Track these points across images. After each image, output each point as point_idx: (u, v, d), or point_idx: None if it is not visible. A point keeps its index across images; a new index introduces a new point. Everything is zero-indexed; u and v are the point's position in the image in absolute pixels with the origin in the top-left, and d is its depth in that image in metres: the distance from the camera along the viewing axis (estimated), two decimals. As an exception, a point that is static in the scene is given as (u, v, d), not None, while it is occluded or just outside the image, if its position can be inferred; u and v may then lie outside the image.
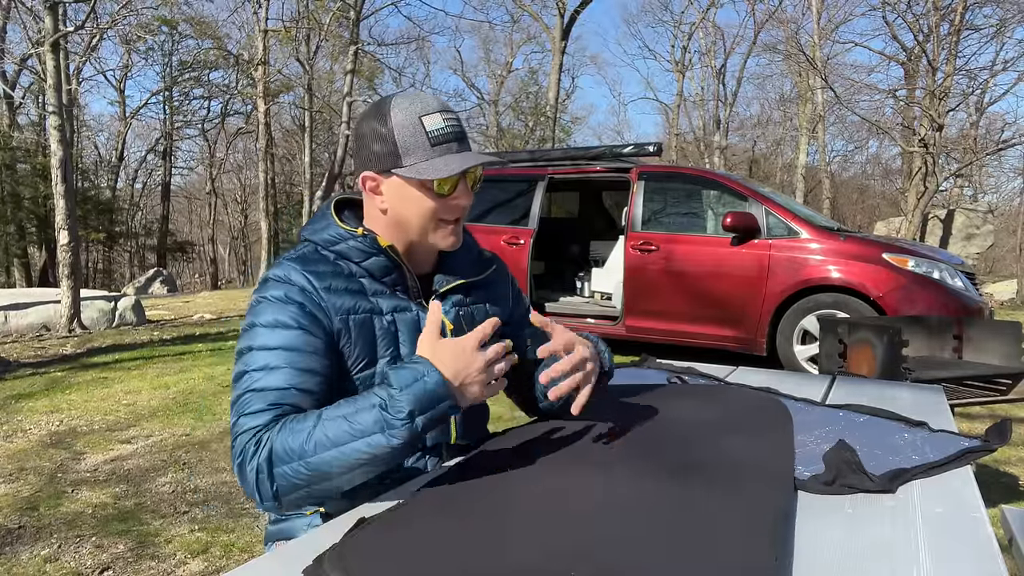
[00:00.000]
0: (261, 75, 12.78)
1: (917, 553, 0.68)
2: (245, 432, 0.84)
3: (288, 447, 0.80)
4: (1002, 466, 2.88)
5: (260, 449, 0.81)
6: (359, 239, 0.98)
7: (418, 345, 0.86)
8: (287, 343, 0.89)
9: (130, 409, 3.78)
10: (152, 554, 2.09)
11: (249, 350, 0.89)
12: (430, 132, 0.94)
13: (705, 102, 23.00)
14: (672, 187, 5.21)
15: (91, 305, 6.94)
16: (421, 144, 0.93)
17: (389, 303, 0.98)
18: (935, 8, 10.99)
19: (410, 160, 0.94)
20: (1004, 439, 1.02)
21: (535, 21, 20.16)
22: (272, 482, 0.80)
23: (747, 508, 0.76)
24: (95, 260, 21.18)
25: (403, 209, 0.97)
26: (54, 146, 6.63)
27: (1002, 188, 21.88)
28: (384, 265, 0.99)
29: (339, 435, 0.79)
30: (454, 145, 0.95)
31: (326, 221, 1.01)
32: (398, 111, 0.95)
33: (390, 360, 0.97)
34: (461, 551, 0.67)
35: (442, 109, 0.96)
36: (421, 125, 0.94)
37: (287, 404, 0.85)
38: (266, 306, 0.91)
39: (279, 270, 0.94)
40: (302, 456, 0.79)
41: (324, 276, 0.94)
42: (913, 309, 4.10)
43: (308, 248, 0.99)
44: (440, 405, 0.80)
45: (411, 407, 0.79)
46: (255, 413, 0.84)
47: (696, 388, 1.42)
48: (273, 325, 0.90)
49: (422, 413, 0.79)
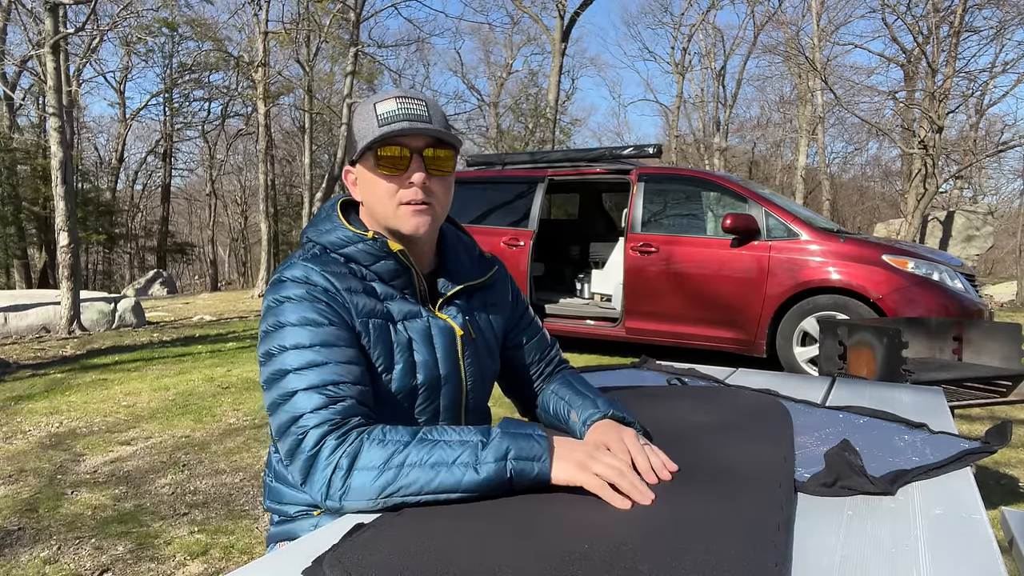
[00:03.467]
0: (261, 77, 12.78)
1: (917, 555, 0.68)
2: (315, 428, 0.82)
3: (377, 454, 0.80)
4: (1002, 468, 2.88)
5: (343, 447, 0.81)
6: (369, 242, 0.97)
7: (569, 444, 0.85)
8: (323, 339, 0.88)
9: (130, 411, 3.78)
10: (151, 556, 2.09)
11: (283, 350, 0.88)
12: (380, 115, 0.94)
13: (705, 104, 23.03)
14: (672, 189, 5.21)
15: (91, 307, 6.95)
16: (370, 126, 0.94)
17: (400, 308, 0.98)
18: (935, 10, 11.00)
19: (361, 145, 0.94)
20: (1004, 441, 1.02)
21: (535, 23, 20.18)
22: (346, 480, 0.79)
23: (747, 510, 0.76)
24: (95, 262, 21.19)
25: (368, 195, 0.98)
26: (54, 148, 6.63)
27: (1002, 190, 21.89)
28: (393, 268, 0.98)
29: (434, 457, 0.79)
30: (403, 124, 0.93)
31: (332, 223, 1.00)
32: (363, 104, 0.98)
33: (405, 368, 0.96)
34: (460, 553, 0.67)
35: (402, 96, 0.96)
36: (374, 111, 0.95)
37: (346, 397, 0.85)
38: (291, 305, 0.90)
39: (296, 271, 0.93)
40: (391, 466, 0.79)
41: (342, 277, 0.94)
42: (913, 311, 4.10)
43: (318, 249, 0.98)
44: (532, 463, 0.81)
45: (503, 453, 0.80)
46: (317, 410, 0.83)
47: (696, 390, 1.42)
48: (304, 323, 0.89)
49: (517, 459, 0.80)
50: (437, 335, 0.99)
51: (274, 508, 1.04)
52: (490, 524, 0.73)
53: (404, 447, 0.80)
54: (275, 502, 1.04)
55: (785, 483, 0.85)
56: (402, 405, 0.97)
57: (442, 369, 0.99)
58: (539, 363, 1.17)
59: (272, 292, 0.93)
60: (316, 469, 0.81)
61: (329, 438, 0.82)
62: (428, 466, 0.78)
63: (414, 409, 0.98)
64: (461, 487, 0.78)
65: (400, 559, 0.66)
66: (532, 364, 1.17)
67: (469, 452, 0.79)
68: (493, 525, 0.73)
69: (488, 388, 1.12)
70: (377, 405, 0.94)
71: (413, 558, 0.66)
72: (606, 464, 0.80)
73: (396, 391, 0.96)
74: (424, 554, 0.67)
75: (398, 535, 0.72)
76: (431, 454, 0.79)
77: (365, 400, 0.88)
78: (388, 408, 0.96)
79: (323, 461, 0.81)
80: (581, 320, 5.42)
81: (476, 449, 0.79)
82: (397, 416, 0.97)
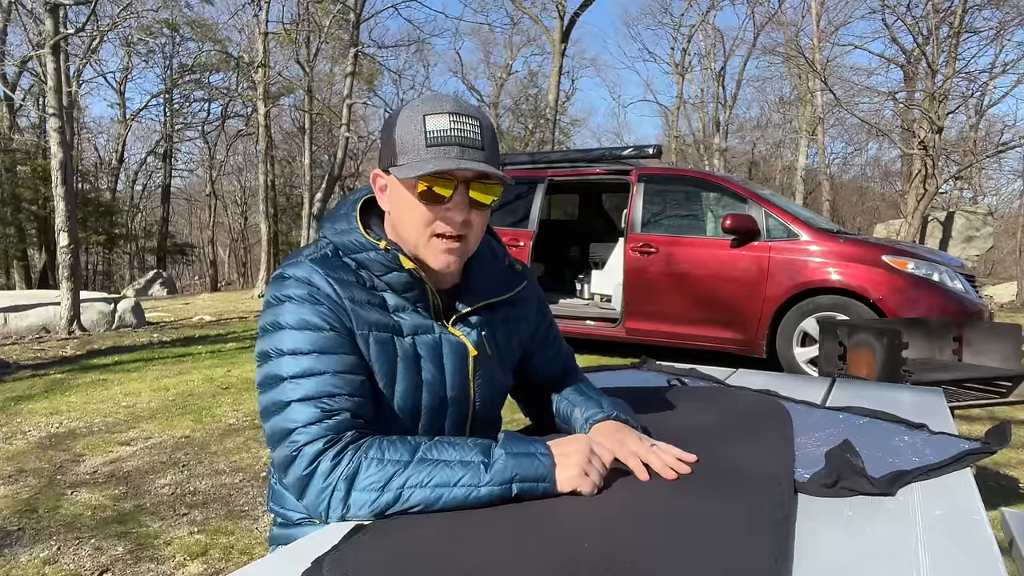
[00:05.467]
0: (261, 77, 12.79)
1: (917, 555, 0.68)
2: (308, 446, 0.80)
3: (376, 475, 0.78)
4: (1002, 468, 2.88)
5: (339, 468, 0.79)
6: (381, 253, 0.91)
7: None
8: (321, 346, 0.85)
9: (129, 411, 3.77)
10: (151, 556, 2.09)
11: (280, 354, 0.85)
12: (429, 132, 0.85)
13: (705, 104, 23.03)
14: (672, 189, 5.21)
15: (91, 307, 6.94)
16: (417, 143, 0.86)
17: (410, 322, 0.93)
18: (935, 11, 11.00)
19: (403, 159, 0.87)
20: (1004, 441, 1.02)
21: (535, 24, 20.19)
22: (345, 501, 0.78)
23: (747, 511, 0.75)
24: (95, 262, 21.18)
25: (398, 214, 0.91)
26: (54, 148, 6.63)
27: (1002, 190, 21.89)
28: (406, 281, 0.92)
29: (435, 479, 0.78)
30: (454, 149, 0.85)
31: (349, 224, 0.94)
32: (410, 109, 0.89)
33: (409, 385, 0.92)
34: (460, 554, 0.67)
35: (455, 112, 0.86)
36: (423, 123, 0.86)
37: (341, 410, 0.83)
38: (291, 306, 0.86)
39: (300, 270, 0.89)
40: (390, 488, 0.78)
41: (348, 285, 0.89)
42: (913, 311, 4.10)
43: (329, 249, 0.93)
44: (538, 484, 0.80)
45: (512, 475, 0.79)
46: (310, 425, 0.81)
47: (696, 390, 1.42)
48: (302, 327, 0.85)
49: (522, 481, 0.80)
50: (448, 353, 0.94)
51: (277, 511, 1.03)
52: (490, 525, 0.73)
53: (404, 468, 0.78)
54: (279, 505, 1.02)
55: (785, 483, 0.85)
56: (403, 424, 0.93)
57: (450, 391, 0.95)
58: (556, 377, 1.14)
59: (274, 288, 0.89)
60: (312, 489, 0.80)
61: (323, 458, 0.80)
62: (429, 487, 0.77)
63: (416, 429, 0.95)
64: (464, 507, 0.77)
65: (400, 560, 0.66)
66: (548, 378, 1.13)
67: (471, 474, 0.78)
68: (493, 526, 0.73)
69: (499, 404, 1.07)
70: (377, 420, 0.91)
71: (413, 559, 0.66)
72: (601, 473, 0.82)
73: (398, 409, 0.92)
74: (424, 555, 0.67)
75: (398, 536, 0.72)
76: (431, 476, 0.77)
77: (361, 412, 0.85)
78: (388, 425, 0.92)
79: (319, 482, 0.79)
80: (581, 321, 5.42)
81: (479, 471, 0.78)
82: (397, 433, 0.93)
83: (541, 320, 1.11)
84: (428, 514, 0.77)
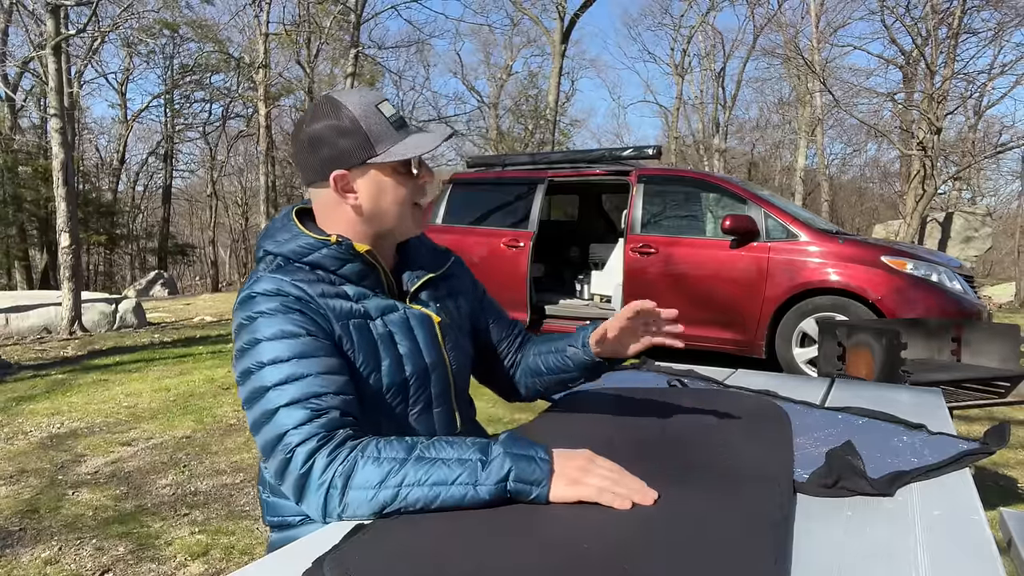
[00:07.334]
0: (262, 78, 12.79)
1: (916, 556, 0.69)
2: (301, 446, 0.81)
3: (373, 472, 0.79)
4: (1001, 469, 2.88)
5: (335, 464, 0.80)
6: (333, 247, 0.95)
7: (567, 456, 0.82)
8: (300, 351, 0.86)
9: (131, 411, 3.78)
10: (152, 556, 2.09)
11: (261, 366, 0.85)
12: (389, 118, 0.95)
13: (704, 105, 23.04)
14: (671, 190, 5.22)
15: (92, 307, 6.95)
16: (386, 130, 0.94)
17: (375, 305, 0.98)
18: (933, 12, 11.00)
19: (383, 147, 0.94)
20: (1003, 441, 1.03)
21: (535, 24, 20.18)
22: (342, 498, 0.78)
23: (746, 511, 0.76)
24: (96, 263, 21.16)
25: (380, 200, 0.97)
26: (55, 149, 6.64)
27: (1000, 191, 21.90)
28: (360, 270, 0.98)
29: (433, 477, 0.78)
30: (408, 128, 0.97)
31: (290, 232, 0.97)
32: (352, 105, 0.94)
33: (392, 363, 0.96)
34: (459, 554, 0.67)
35: (384, 97, 0.98)
36: (381, 113, 0.95)
37: (330, 409, 0.83)
38: (265, 320, 0.88)
39: (266, 284, 0.91)
40: (388, 486, 0.78)
41: (313, 284, 0.93)
42: (912, 312, 4.11)
43: (280, 260, 0.95)
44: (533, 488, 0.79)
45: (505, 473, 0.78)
46: (300, 426, 0.82)
47: (695, 391, 1.42)
48: (279, 336, 0.86)
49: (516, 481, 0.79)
50: (416, 325, 1.00)
51: (273, 521, 1.03)
52: (490, 525, 0.74)
53: (401, 465, 0.78)
54: (274, 515, 1.02)
55: (784, 483, 0.85)
56: (396, 399, 0.97)
57: (427, 357, 1.00)
58: (507, 339, 1.21)
59: (243, 310, 0.90)
60: (309, 489, 0.80)
61: (318, 455, 0.80)
62: (427, 486, 0.77)
63: (408, 401, 0.99)
64: (462, 506, 0.77)
65: (400, 560, 0.66)
66: (500, 342, 1.20)
67: (469, 472, 0.78)
68: (492, 526, 0.73)
69: (468, 374, 1.14)
70: (372, 403, 0.93)
71: (413, 559, 0.66)
72: (601, 476, 0.80)
73: (387, 386, 0.96)
74: (424, 555, 0.67)
75: (398, 536, 0.72)
76: (429, 474, 0.78)
77: (350, 409, 0.86)
78: (383, 405, 0.96)
79: (316, 480, 0.79)
80: (581, 321, 5.42)
81: (476, 469, 0.78)
82: (393, 411, 0.97)
83: (476, 289, 1.20)
84: (428, 514, 0.77)
